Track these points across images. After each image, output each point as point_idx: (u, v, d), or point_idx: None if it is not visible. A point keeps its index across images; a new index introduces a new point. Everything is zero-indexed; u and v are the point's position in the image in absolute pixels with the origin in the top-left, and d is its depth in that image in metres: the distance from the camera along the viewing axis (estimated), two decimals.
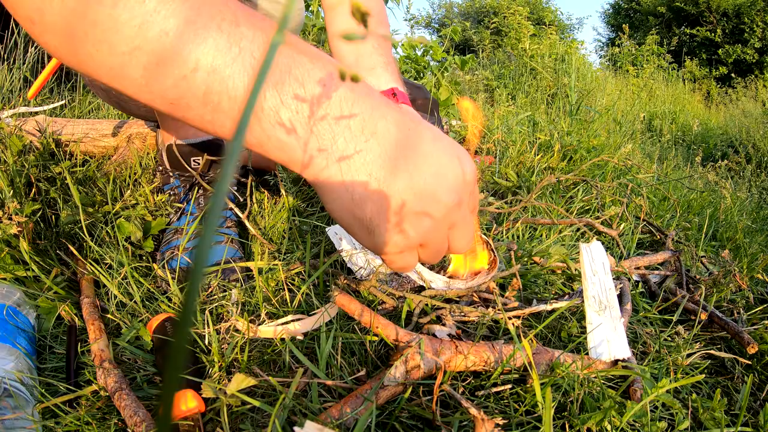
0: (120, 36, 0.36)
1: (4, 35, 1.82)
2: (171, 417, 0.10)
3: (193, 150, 0.80)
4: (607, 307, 0.63)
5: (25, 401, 0.50)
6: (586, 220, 0.98)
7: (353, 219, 0.42)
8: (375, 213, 0.41)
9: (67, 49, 0.39)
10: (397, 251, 0.44)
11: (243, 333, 0.61)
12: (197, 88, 0.37)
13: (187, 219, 0.81)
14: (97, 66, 0.39)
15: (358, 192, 0.40)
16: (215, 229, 0.12)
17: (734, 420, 0.63)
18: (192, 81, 0.37)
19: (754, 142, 3.75)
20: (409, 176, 0.41)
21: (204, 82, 0.37)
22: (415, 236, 0.43)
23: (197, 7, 0.37)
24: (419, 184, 0.41)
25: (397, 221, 0.42)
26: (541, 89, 3.80)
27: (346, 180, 0.40)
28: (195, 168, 0.82)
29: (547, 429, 0.44)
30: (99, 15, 0.36)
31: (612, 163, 1.36)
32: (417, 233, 0.43)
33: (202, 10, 0.37)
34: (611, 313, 0.63)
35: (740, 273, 0.89)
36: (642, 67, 6.15)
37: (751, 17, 9.34)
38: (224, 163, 0.13)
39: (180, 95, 0.38)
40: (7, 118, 1.15)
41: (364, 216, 0.41)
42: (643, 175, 1.48)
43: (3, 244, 0.69)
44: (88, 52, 0.38)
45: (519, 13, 5.66)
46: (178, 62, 0.37)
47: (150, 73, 0.37)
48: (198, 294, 0.38)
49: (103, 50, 0.37)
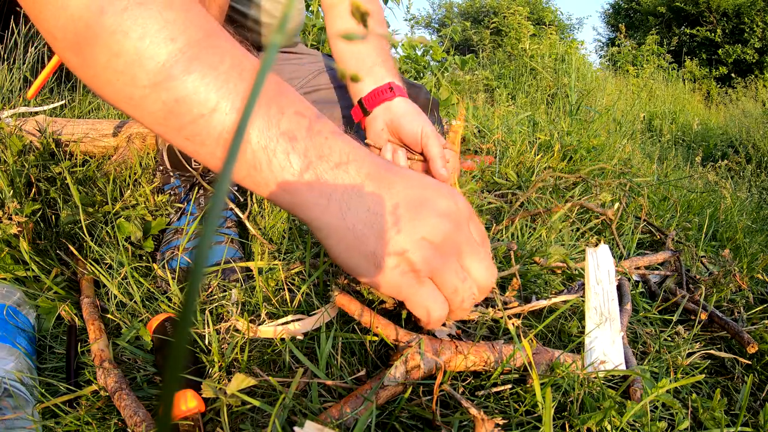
0: (143, 70, 0.37)
1: (4, 35, 1.82)
2: (171, 417, 0.10)
3: None
4: (607, 319, 0.62)
5: (25, 401, 0.50)
6: (580, 202, 0.98)
7: (360, 257, 0.42)
8: (377, 243, 0.42)
9: (85, 73, 0.40)
10: (410, 283, 0.44)
11: (243, 333, 0.61)
12: (213, 129, 0.38)
13: (188, 219, 0.81)
14: (116, 92, 0.39)
15: (359, 228, 0.41)
16: (215, 229, 0.12)
17: (734, 420, 0.63)
18: (210, 120, 0.38)
19: (754, 142, 3.75)
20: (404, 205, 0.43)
21: (221, 122, 0.38)
22: (420, 261, 0.43)
23: (220, 54, 0.39)
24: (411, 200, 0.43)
25: (398, 251, 0.42)
26: (541, 89, 3.80)
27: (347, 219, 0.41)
28: (196, 168, 0.82)
29: (547, 429, 0.44)
30: (124, 46, 0.37)
31: (609, 167, 1.36)
32: (421, 258, 0.43)
33: (224, 58, 0.39)
34: (611, 325, 0.62)
35: (740, 273, 0.89)
36: (642, 67, 6.15)
37: (751, 17, 9.34)
38: (224, 163, 0.13)
39: (196, 132, 0.39)
40: (7, 118, 1.14)
41: (368, 250, 0.42)
42: (642, 178, 1.48)
43: (3, 244, 0.69)
44: (108, 79, 0.38)
45: (519, 13, 5.66)
46: (197, 102, 0.37)
47: (170, 109, 0.38)
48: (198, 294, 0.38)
49: (124, 80, 0.38)
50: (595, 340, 0.61)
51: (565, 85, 3.41)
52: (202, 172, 0.83)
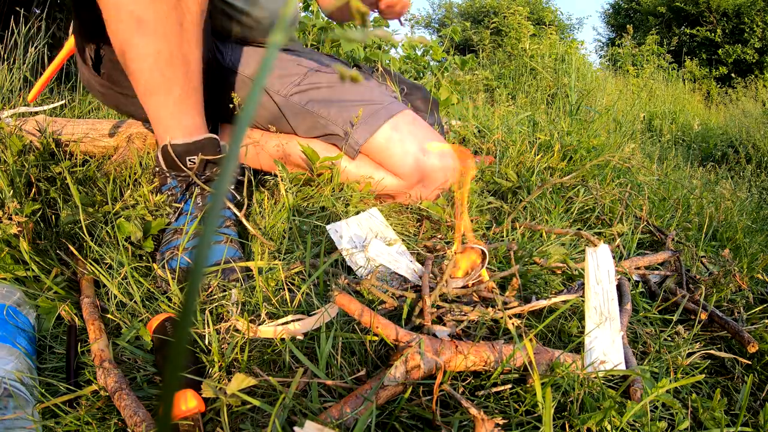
0: None
1: (4, 35, 1.82)
2: (171, 417, 0.10)
3: (188, 150, 0.80)
4: (607, 319, 0.62)
5: (25, 401, 0.50)
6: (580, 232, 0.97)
7: None
8: None
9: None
10: None
11: (243, 333, 0.61)
12: None
13: (186, 219, 0.81)
14: None
15: None
16: (215, 229, 0.12)
17: (734, 420, 0.63)
18: None
19: (754, 142, 3.75)
20: None
21: None
22: None
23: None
24: None
25: None
26: (541, 89, 3.80)
27: None
28: (190, 168, 0.82)
29: (547, 429, 0.44)
30: None
31: (613, 162, 1.36)
32: None
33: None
34: (611, 325, 0.62)
35: (740, 273, 0.89)
36: (642, 67, 6.14)
37: (751, 17, 9.33)
38: (223, 163, 0.13)
39: None
40: (7, 118, 1.14)
41: None
42: (643, 177, 1.48)
43: (3, 244, 0.69)
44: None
45: (519, 13, 5.65)
46: None
47: None
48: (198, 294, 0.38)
49: None
50: (595, 339, 0.61)
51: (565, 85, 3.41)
52: (197, 171, 0.83)
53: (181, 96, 0.78)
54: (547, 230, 0.93)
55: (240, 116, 0.14)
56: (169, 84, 0.76)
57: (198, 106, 0.82)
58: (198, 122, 0.82)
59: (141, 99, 0.79)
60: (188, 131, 0.81)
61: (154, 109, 0.79)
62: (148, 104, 0.79)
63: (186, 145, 0.80)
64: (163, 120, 0.80)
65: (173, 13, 0.72)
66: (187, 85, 0.78)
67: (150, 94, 0.77)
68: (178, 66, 0.76)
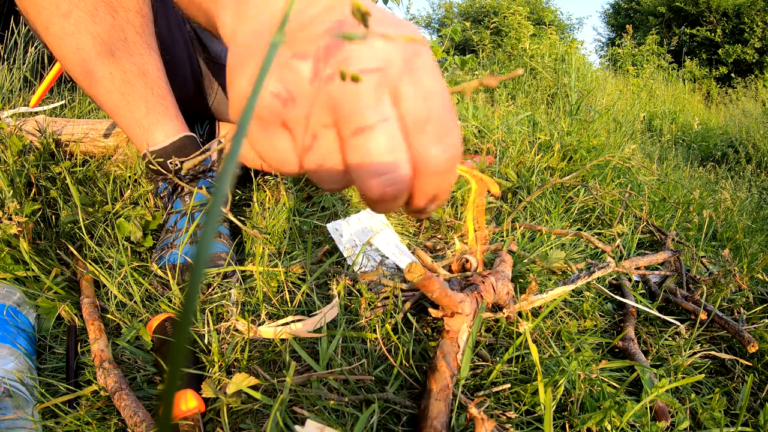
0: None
1: (4, 35, 1.82)
2: (171, 417, 0.10)
3: (166, 152, 0.81)
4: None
5: (25, 401, 0.50)
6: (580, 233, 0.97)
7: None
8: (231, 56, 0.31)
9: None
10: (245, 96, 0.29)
11: (243, 333, 0.61)
12: None
13: (177, 218, 0.82)
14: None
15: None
16: (215, 229, 0.12)
17: (734, 420, 0.63)
18: None
19: (754, 142, 3.75)
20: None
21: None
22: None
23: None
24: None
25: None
26: (541, 89, 3.80)
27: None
28: (170, 170, 0.82)
29: (547, 429, 0.44)
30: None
31: (613, 162, 1.36)
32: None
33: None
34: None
35: (740, 273, 0.89)
36: (642, 67, 6.14)
37: (751, 17, 9.33)
38: (223, 163, 0.13)
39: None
40: (7, 118, 1.14)
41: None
42: (643, 177, 1.48)
43: (3, 244, 0.69)
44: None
45: (519, 13, 5.66)
46: None
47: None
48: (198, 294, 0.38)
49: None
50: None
51: (565, 85, 3.41)
52: (176, 173, 0.83)
53: (147, 108, 0.78)
54: (547, 230, 0.93)
55: (240, 120, 0.14)
56: (129, 104, 0.76)
57: (168, 110, 0.80)
58: (171, 126, 0.81)
59: (112, 118, 0.79)
60: (165, 134, 0.80)
61: (125, 127, 0.79)
62: (118, 124, 0.79)
63: (162, 149, 0.80)
64: (137, 135, 0.80)
65: (113, 32, 0.71)
66: (151, 96, 0.77)
67: (116, 115, 0.77)
68: (134, 81, 0.75)
